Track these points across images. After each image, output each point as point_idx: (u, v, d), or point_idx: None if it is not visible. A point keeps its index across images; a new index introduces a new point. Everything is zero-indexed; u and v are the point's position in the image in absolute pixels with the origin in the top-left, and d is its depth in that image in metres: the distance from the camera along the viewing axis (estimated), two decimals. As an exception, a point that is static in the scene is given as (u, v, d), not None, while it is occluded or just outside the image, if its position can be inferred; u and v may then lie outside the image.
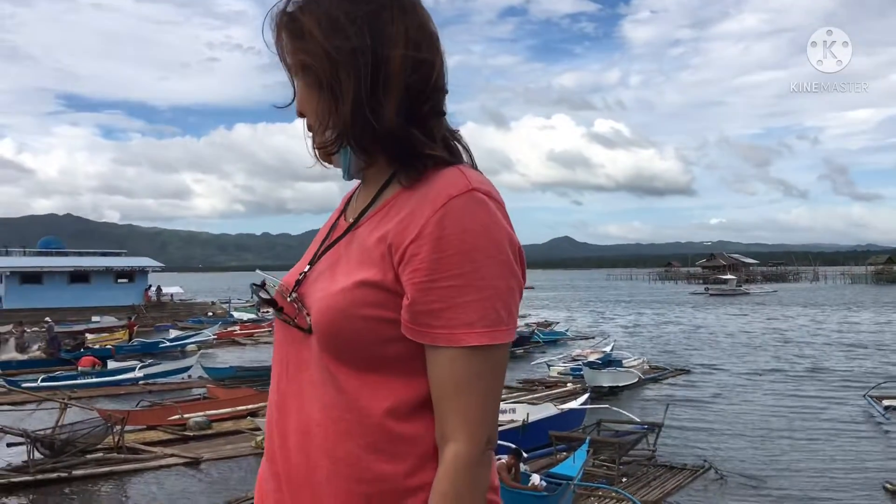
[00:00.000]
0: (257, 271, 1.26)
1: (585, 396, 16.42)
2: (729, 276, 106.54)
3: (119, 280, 49.65)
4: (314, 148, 1.19)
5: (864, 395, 19.11)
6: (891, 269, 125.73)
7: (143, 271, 51.49)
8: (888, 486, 11.59)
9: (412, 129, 1.10)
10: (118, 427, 13.37)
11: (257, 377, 21.65)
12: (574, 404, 15.62)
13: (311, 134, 1.18)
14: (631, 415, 14.99)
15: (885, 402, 17.96)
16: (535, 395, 19.07)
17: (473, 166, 1.16)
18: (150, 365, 23.32)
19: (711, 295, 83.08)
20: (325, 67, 1.09)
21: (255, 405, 16.87)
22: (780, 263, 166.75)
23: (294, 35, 1.12)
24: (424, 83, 1.10)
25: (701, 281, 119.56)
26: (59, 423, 12.97)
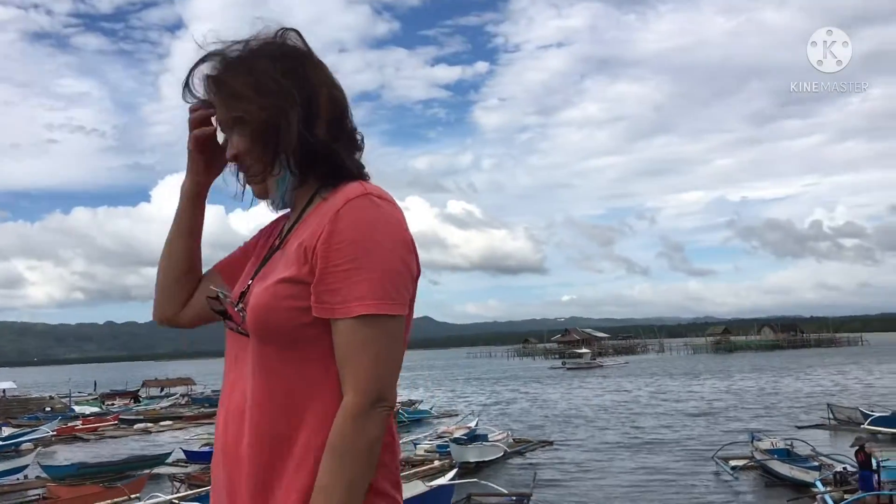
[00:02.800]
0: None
1: (453, 472, 16.42)
2: (584, 350, 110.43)
3: (-58, 376, 45.18)
4: (250, 181, 1.41)
5: (711, 458, 20.14)
6: (728, 338, 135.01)
7: (-30, 365, 47.13)
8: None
9: (338, 146, 1.37)
10: (-58, 536, 12.01)
11: (103, 473, 20.14)
12: (443, 481, 15.52)
13: (248, 174, 1.40)
14: (500, 487, 15.07)
15: (732, 463, 19.02)
16: (403, 474, 18.62)
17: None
18: (-22, 466, 21.25)
19: (569, 369, 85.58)
20: (263, 118, 1.33)
21: (102, 503, 15.64)
22: (628, 336, 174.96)
23: (227, 95, 1.36)
24: (343, 112, 1.40)
25: (557, 356, 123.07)
26: None
